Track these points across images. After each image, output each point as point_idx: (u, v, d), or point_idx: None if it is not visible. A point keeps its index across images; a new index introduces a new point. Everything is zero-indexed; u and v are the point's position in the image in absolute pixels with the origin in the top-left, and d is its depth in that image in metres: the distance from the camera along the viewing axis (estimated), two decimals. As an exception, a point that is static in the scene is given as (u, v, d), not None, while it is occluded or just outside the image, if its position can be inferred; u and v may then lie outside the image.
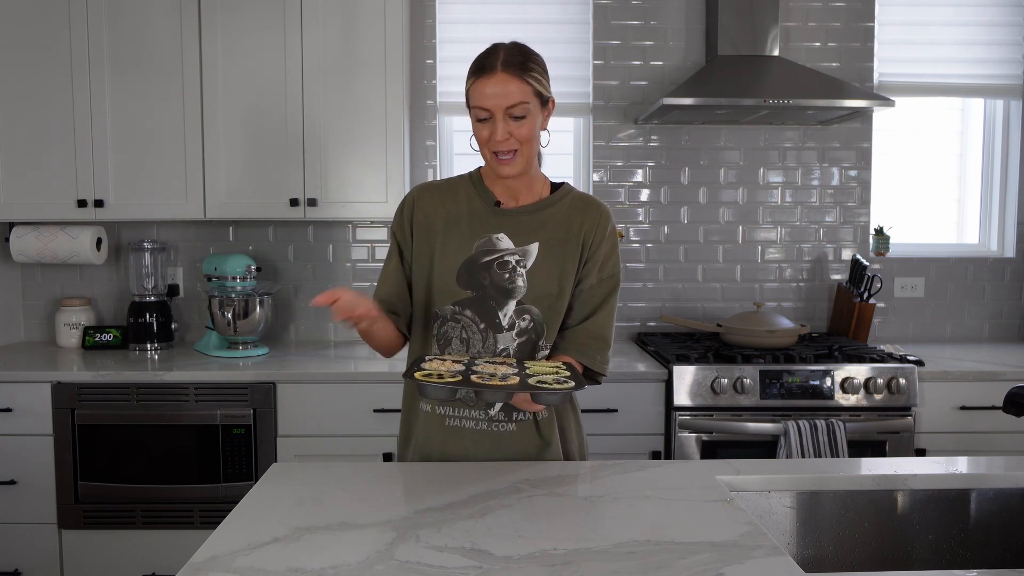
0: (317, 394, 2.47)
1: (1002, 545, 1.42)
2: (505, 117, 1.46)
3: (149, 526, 2.48)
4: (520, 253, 1.54)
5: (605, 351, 1.60)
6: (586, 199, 1.61)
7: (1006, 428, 2.50)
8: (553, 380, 1.33)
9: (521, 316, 1.54)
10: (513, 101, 1.45)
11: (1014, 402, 1.36)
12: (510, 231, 1.55)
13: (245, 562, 1.07)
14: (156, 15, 2.67)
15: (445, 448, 1.56)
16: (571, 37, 3.07)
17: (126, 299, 3.02)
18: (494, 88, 1.45)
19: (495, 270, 1.53)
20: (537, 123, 1.50)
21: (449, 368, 1.36)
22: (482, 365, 1.40)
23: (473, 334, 1.54)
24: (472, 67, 1.51)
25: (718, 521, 1.21)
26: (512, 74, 1.45)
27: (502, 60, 1.46)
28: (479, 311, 1.54)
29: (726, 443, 2.46)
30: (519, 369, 1.40)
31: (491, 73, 1.45)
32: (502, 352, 1.54)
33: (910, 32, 3.11)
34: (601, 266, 1.58)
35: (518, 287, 1.53)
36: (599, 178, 3.09)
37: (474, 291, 1.54)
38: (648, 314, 3.14)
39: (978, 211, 3.25)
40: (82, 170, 2.70)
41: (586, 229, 1.57)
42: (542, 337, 1.56)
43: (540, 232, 1.55)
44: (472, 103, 1.50)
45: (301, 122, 2.69)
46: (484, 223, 1.56)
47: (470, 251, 1.54)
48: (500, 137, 1.46)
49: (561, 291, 1.55)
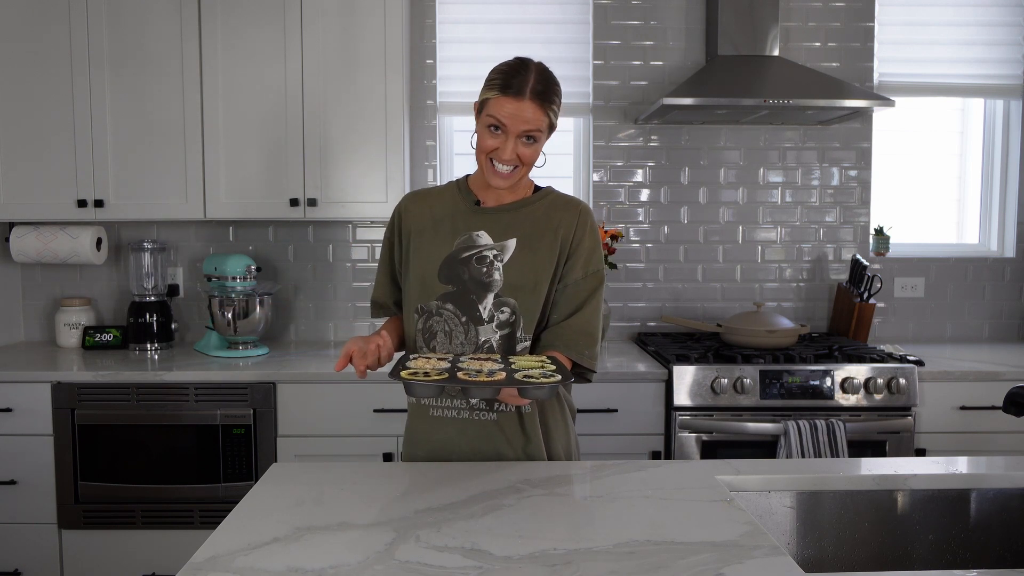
0: (317, 394, 2.47)
1: (1002, 545, 1.42)
2: (517, 138, 1.51)
3: (149, 526, 2.48)
4: (498, 248, 1.59)
5: (593, 346, 1.61)
6: (566, 198, 1.66)
7: (1006, 428, 2.50)
8: (539, 375, 1.33)
9: (500, 309, 1.57)
10: (531, 128, 1.50)
11: (1014, 402, 1.36)
12: (489, 228, 1.60)
13: (245, 562, 1.07)
14: (156, 15, 2.67)
15: (431, 436, 1.61)
16: (571, 37, 3.07)
17: (126, 299, 3.02)
18: (517, 111, 1.48)
19: (474, 264, 1.58)
20: (542, 147, 1.56)
21: (435, 366, 1.38)
22: (467, 362, 1.42)
23: (455, 327, 1.58)
24: (497, 79, 1.51)
25: (718, 521, 1.21)
26: (537, 103, 1.49)
27: (532, 88, 1.48)
28: (460, 305, 1.58)
29: (726, 443, 2.46)
30: (504, 365, 1.41)
31: (519, 97, 1.48)
32: (484, 344, 1.57)
33: (910, 32, 3.11)
34: (585, 262, 1.61)
35: (495, 280, 1.57)
36: (599, 178, 3.09)
37: (455, 285, 1.58)
38: (648, 314, 3.14)
39: (978, 211, 3.25)
40: (82, 170, 2.70)
41: (565, 225, 1.60)
42: (519, 328, 1.58)
43: (518, 228, 1.60)
44: (488, 112, 1.51)
45: (301, 122, 2.69)
46: (466, 221, 1.61)
47: (451, 247, 1.60)
48: (507, 157, 1.51)
49: (536, 283, 1.58)
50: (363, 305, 3.10)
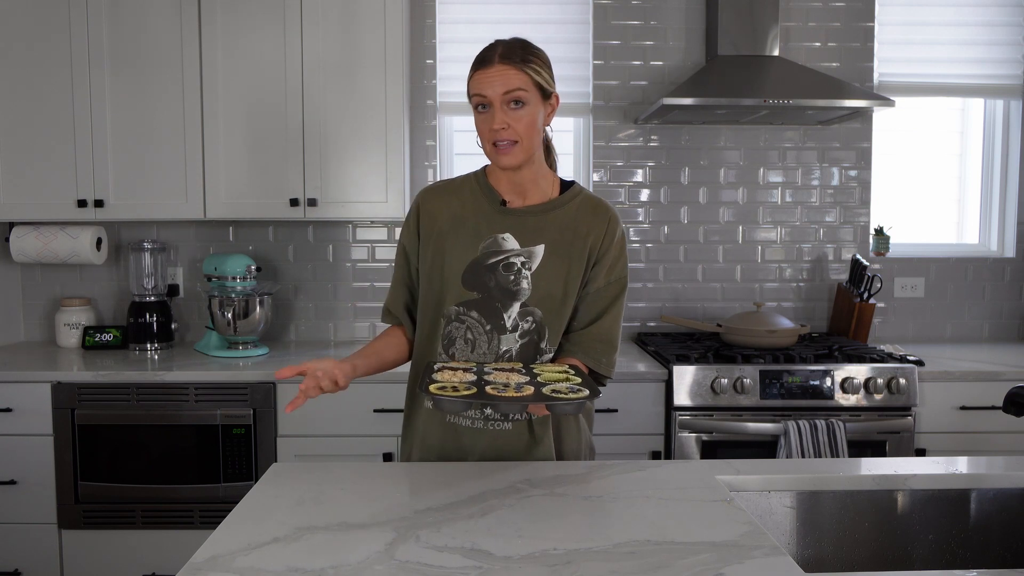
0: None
1: (1002, 545, 1.42)
2: (503, 105, 1.47)
3: (149, 526, 2.48)
4: (526, 254, 1.53)
5: (611, 354, 1.60)
6: (594, 202, 1.60)
7: (1006, 428, 2.50)
8: (566, 389, 1.33)
9: (524, 318, 1.53)
10: (510, 87, 1.46)
11: (1014, 402, 1.36)
12: (516, 231, 1.55)
13: (245, 562, 1.07)
14: (156, 14, 2.67)
15: (444, 443, 1.57)
16: (571, 37, 3.07)
17: (126, 299, 3.02)
18: (491, 77, 1.47)
19: (500, 272, 1.53)
20: (538, 115, 1.50)
21: (461, 379, 1.35)
22: (493, 374, 1.40)
23: (479, 335, 1.54)
24: (474, 61, 1.53)
25: (718, 521, 1.21)
26: (510, 64, 1.47)
27: (500, 52, 1.48)
28: (485, 312, 1.53)
29: (726, 443, 2.46)
30: (529, 376, 1.39)
31: (489, 65, 1.48)
32: (505, 354, 1.54)
33: (910, 32, 3.11)
34: (609, 269, 1.57)
35: (523, 289, 1.53)
36: (599, 178, 3.09)
37: (480, 292, 1.53)
38: (648, 314, 3.14)
39: (978, 211, 3.25)
40: (82, 170, 2.70)
41: (594, 234, 1.56)
42: (544, 339, 1.55)
43: (546, 233, 1.55)
44: (471, 92, 1.51)
45: (301, 122, 2.69)
46: (490, 223, 1.55)
47: (476, 252, 1.54)
48: (497, 125, 1.46)
49: (566, 294, 1.54)
50: (363, 305, 3.10)
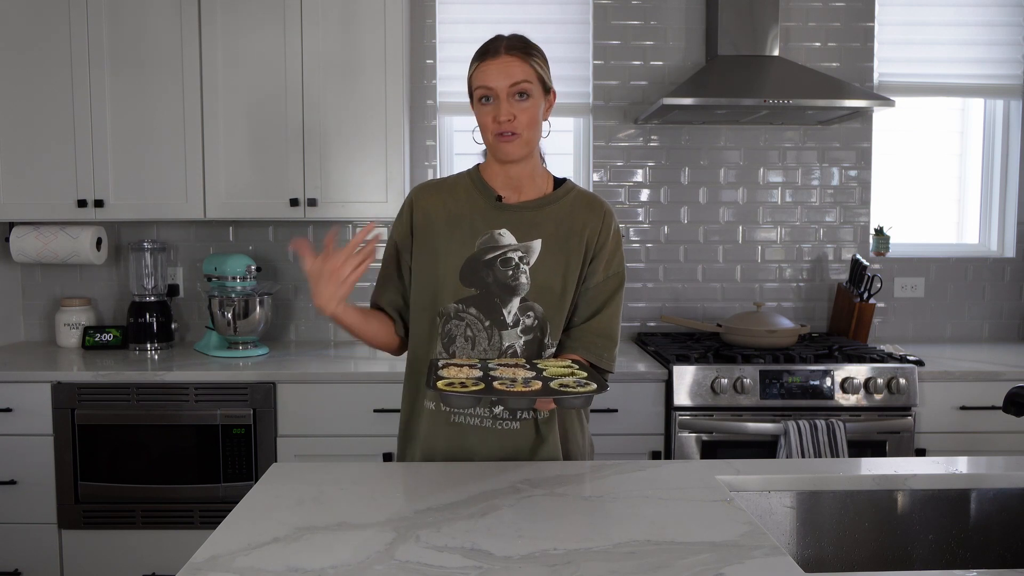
0: (317, 394, 2.47)
1: (1002, 545, 1.42)
2: (508, 97, 1.48)
3: (149, 526, 2.48)
4: (523, 249, 1.54)
5: (612, 348, 1.61)
6: (589, 197, 1.62)
7: (1006, 428, 2.50)
8: (574, 383, 1.33)
9: (525, 313, 1.54)
10: (517, 79, 1.47)
11: (1014, 402, 1.36)
12: (512, 226, 1.55)
13: (245, 562, 1.06)
14: (156, 14, 2.67)
15: (450, 444, 1.55)
16: (571, 37, 3.07)
17: (126, 299, 3.02)
18: (498, 68, 1.48)
19: (498, 267, 1.53)
20: (540, 109, 1.52)
21: (468, 375, 1.35)
22: (498, 369, 1.40)
23: (479, 332, 1.54)
24: (475, 54, 1.53)
25: (718, 521, 1.21)
26: (515, 56, 1.49)
27: (505, 44, 1.50)
28: (484, 309, 1.53)
29: (726, 443, 2.46)
30: (534, 371, 1.39)
31: (495, 56, 1.49)
32: (508, 350, 1.54)
33: (910, 32, 3.11)
34: (607, 264, 1.58)
35: (521, 284, 1.53)
36: (599, 178, 3.09)
37: (478, 288, 1.53)
38: (648, 314, 3.14)
39: (978, 211, 3.25)
40: (82, 170, 2.70)
41: (590, 228, 1.57)
42: (547, 335, 1.55)
43: (543, 228, 1.55)
44: (475, 84, 1.51)
45: (301, 122, 2.69)
46: (486, 219, 1.56)
47: (473, 248, 1.54)
48: (504, 116, 1.47)
49: (564, 288, 1.55)
50: (363, 305, 3.08)
